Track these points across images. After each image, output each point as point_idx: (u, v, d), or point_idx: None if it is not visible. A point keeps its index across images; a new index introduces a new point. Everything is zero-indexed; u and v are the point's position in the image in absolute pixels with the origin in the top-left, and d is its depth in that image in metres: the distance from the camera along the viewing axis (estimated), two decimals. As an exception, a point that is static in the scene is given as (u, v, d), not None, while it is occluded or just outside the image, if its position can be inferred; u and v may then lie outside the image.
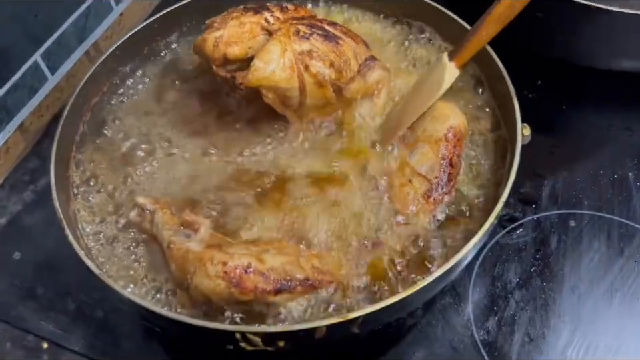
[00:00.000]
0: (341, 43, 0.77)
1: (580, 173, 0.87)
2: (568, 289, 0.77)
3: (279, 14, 0.79)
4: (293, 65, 0.74)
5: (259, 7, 0.79)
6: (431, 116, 0.77)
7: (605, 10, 0.82)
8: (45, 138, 0.96)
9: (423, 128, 0.77)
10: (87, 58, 1.01)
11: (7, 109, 0.90)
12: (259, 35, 0.77)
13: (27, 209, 0.89)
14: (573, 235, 0.81)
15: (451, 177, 0.74)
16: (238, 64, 0.77)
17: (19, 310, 0.79)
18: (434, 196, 0.73)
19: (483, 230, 0.67)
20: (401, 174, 0.75)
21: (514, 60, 0.81)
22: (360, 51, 0.80)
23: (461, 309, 0.76)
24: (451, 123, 0.76)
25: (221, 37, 0.76)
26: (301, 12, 0.82)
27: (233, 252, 0.66)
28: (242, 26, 0.77)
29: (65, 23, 0.95)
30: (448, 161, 0.74)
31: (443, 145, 0.75)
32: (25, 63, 0.90)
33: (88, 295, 0.79)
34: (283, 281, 0.64)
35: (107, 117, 0.85)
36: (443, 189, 0.73)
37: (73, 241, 0.66)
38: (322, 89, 0.76)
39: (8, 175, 0.93)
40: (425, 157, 0.75)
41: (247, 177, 0.78)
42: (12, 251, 0.84)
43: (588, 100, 0.95)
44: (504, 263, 0.79)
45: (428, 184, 0.73)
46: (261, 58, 0.74)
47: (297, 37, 0.76)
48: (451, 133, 0.75)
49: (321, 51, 0.75)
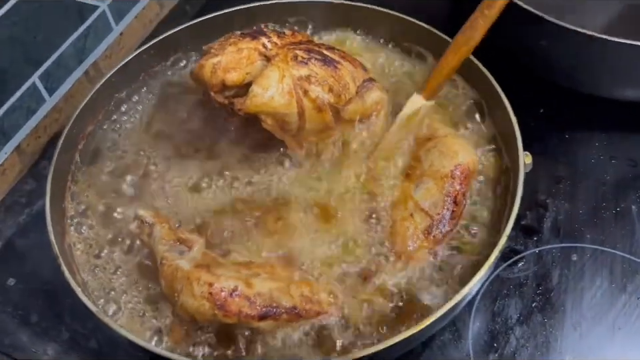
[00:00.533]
0: (339, 67, 0.77)
1: (582, 204, 0.86)
2: (569, 325, 0.75)
3: (277, 39, 0.79)
4: (291, 90, 0.73)
5: (255, 33, 0.79)
6: (439, 151, 0.76)
7: (607, 40, 0.81)
8: (42, 159, 0.95)
9: (430, 162, 0.76)
10: (86, 78, 1.01)
11: (4, 131, 0.89)
12: (256, 61, 0.76)
13: (22, 233, 0.88)
14: (574, 270, 0.80)
15: (454, 215, 0.72)
16: (236, 90, 0.76)
17: (12, 338, 0.78)
18: (434, 233, 0.72)
19: (486, 267, 0.66)
20: (403, 207, 0.74)
21: (517, 88, 0.81)
22: (358, 74, 0.80)
23: (461, 346, 0.74)
24: (459, 160, 0.74)
25: (218, 63, 0.75)
26: (298, 37, 0.82)
27: (221, 274, 0.65)
28: (239, 52, 0.76)
29: (64, 44, 0.94)
30: (452, 198, 0.73)
31: (449, 182, 0.73)
32: (23, 84, 0.89)
33: (82, 324, 0.78)
34: (268, 307, 0.64)
35: (101, 145, 0.84)
36: (445, 227, 0.72)
37: (70, 277, 0.66)
38: (321, 113, 0.76)
39: (4, 197, 0.92)
40: (429, 193, 0.73)
41: (245, 201, 0.78)
42: (6, 276, 0.83)
43: (591, 129, 0.94)
44: (505, 297, 0.78)
45: (429, 220, 0.72)
46: (260, 84, 0.73)
47: (295, 62, 0.75)
48: (458, 170, 0.74)
49: (320, 76, 0.75)
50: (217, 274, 0.65)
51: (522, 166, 0.74)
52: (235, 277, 0.65)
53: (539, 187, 0.88)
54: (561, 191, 0.87)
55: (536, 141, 0.91)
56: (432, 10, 0.99)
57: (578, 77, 0.91)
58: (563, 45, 0.86)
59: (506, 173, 0.79)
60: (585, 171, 0.89)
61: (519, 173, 0.74)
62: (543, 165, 0.90)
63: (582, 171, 0.89)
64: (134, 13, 1.07)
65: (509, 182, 0.78)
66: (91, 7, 0.97)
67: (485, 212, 0.76)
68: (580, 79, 0.92)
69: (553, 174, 0.89)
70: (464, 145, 0.77)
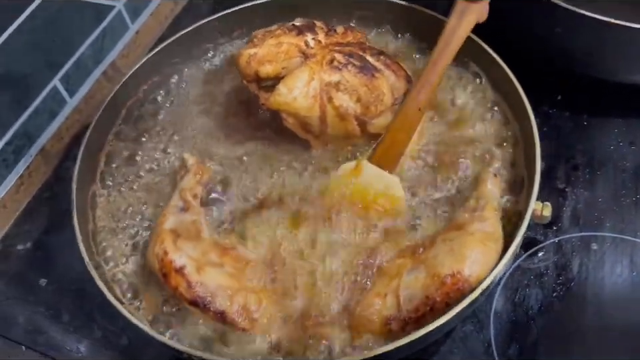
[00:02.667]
0: (377, 76, 0.75)
1: (601, 192, 0.86)
2: (591, 314, 0.76)
3: (323, 37, 0.78)
4: (317, 94, 0.73)
5: (304, 27, 0.78)
6: (452, 248, 0.66)
7: (622, 26, 0.80)
8: (66, 160, 0.97)
9: (436, 252, 0.66)
10: (105, 78, 1.02)
11: (29, 135, 0.91)
12: (295, 57, 0.76)
13: (50, 233, 0.90)
14: (595, 259, 0.80)
15: (421, 320, 0.63)
16: (273, 81, 0.76)
17: (46, 338, 0.80)
18: (392, 326, 0.64)
19: (506, 258, 0.66)
20: (387, 281, 0.67)
21: (533, 75, 0.80)
22: (399, 85, 0.78)
23: (483, 336, 0.76)
24: (461, 268, 0.63)
25: (254, 55, 0.76)
26: (348, 36, 0.80)
27: (184, 248, 0.69)
28: (279, 46, 0.76)
29: (82, 46, 0.96)
30: (430, 303, 0.63)
31: (435, 285, 0.63)
32: (45, 88, 0.91)
33: (112, 322, 0.80)
34: (201, 299, 0.67)
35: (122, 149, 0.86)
36: (407, 326, 0.64)
37: (104, 287, 0.68)
38: (344, 121, 0.75)
39: (31, 199, 0.94)
40: (416, 283, 0.65)
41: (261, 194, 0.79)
42: (37, 277, 0.85)
43: (609, 115, 0.93)
44: (525, 288, 0.79)
45: (396, 312, 0.64)
46: (286, 83, 0.74)
47: (330, 66, 0.74)
48: (450, 280, 0.63)
49: (350, 84, 0.74)
50: (180, 247, 0.69)
51: (538, 168, 0.72)
52: (192, 258, 0.68)
53: (558, 174, 0.88)
54: (579, 178, 0.87)
55: (554, 128, 0.92)
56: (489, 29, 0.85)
57: (594, 63, 0.91)
58: (577, 32, 0.85)
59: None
60: (604, 157, 0.89)
61: (535, 176, 0.72)
62: (561, 152, 0.90)
63: (600, 158, 0.89)
64: (149, 10, 1.08)
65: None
66: (107, 7, 0.98)
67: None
68: (596, 65, 0.91)
69: (571, 161, 0.89)
70: (481, 255, 0.65)
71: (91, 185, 0.81)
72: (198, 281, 0.67)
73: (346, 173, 0.74)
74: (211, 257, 0.70)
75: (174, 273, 0.67)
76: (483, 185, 0.73)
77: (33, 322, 0.82)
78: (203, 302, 0.66)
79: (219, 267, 0.69)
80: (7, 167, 0.88)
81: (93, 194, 0.81)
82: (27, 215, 0.92)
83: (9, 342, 0.81)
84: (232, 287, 0.68)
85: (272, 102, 0.74)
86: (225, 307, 0.67)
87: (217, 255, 0.71)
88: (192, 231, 0.72)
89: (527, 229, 0.68)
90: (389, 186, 0.73)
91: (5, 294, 0.85)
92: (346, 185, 0.74)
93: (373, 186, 0.73)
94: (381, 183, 0.73)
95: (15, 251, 0.89)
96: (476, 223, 0.68)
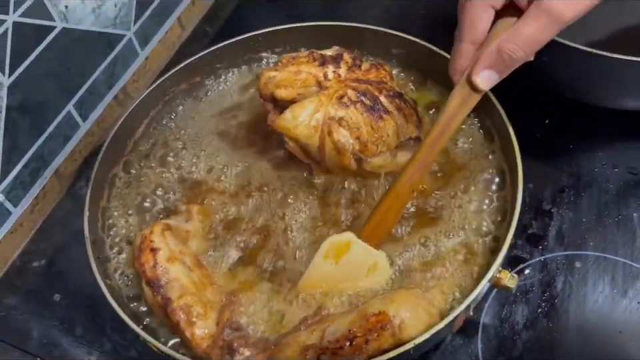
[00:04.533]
0: (385, 117, 0.77)
1: (585, 213, 0.90)
2: (573, 330, 0.80)
3: (344, 71, 0.80)
4: (319, 125, 0.76)
5: (330, 59, 0.81)
6: (384, 295, 0.69)
7: (607, 57, 0.85)
8: (78, 181, 1.02)
9: (372, 301, 0.68)
10: (116, 102, 1.07)
11: (44, 158, 0.96)
12: (311, 86, 0.80)
13: (64, 251, 0.95)
14: (578, 277, 0.84)
15: (338, 352, 0.64)
16: (288, 103, 0.80)
17: (61, 350, 0.85)
18: (308, 354, 0.65)
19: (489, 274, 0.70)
20: (323, 324, 0.68)
21: (521, 100, 0.84)
22: (406, 130, 0.80)
23: (471, 350, 0.80)
24: (386, 309, 0.65)
25: (273, 78, 0.80)
26: (371, 74, 0.82)
27: (166, 237, 0.75)
28: (297, 74, 0.80)
29: (95, 73, 1.01)
30: (351, 336, 0.64)
31: (360, 322, 0.65)
32: (60, 113, 0.96)
33: (122, 336, 0.85)
34: (156, 282, 0.72)
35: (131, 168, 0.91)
36: (321, 356, 0.65)
37: (119, 309, 0.72)
38: (340, 155, 0.77)
39: (45, 217, 0.99)
40: (343, 322, 0.67)
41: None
42: (52, 292, 0.90)
43: (594, 139, 0.98)
44: (512, 304, 0.83)
45: (317, 342, 0.66)
46: (293, 110, 0.77)
47: (338, 101, 0.77)
48: (375, 318, 0.64)
49: (353, 121, 0.76)
50: (165, 236, 0.76)
51: (520, 188, 0.75)
52: (170, 249, 0.75)
53: (544, 196, 0.93)
54: (565, 199, 0.92)
55: (541, 151, 0.96)
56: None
57: (581, 89, 0.95)
58: (564, 61, 0.90)
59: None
60: (589, 180, 0.94)
61: (517, 194, 0.75)
62: (548, 174, 0.95)
63: (585, 180, 0.94)
64: (158, 37, 1.14)
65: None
66: (119, 36, 1.04)
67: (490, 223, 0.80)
68: (583, 91, 0.96)
69: (557, 183, 0.94)
70: (410, 305, 0.66)
71: (99, 202, 0.86)
72: (164, 266, 0.73)
73: (334, 246, 0.73)
74: (185, 260, 0.76)
75: (148, 251, 0.74)
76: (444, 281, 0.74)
77: (47, 335, 0.87)
78: (158, 284, 0.72)
79: (187, 269, 0.75)
80: (24, 188, 0.94)
81: (104, 210, 0.86)
82: (42, 234, 0.97)
83: (26, 354, 0.85)
84: (188, 289, 0.72)
85: (277, 124, 0.79)
86: (173, 297, 0.71)
87: (192, 263, 0.76)
88: (182, 236, 0.79)
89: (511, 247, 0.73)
90: (376, 262, 0.74)
91: (21, 309, 0.90)
92: (332, 262, 0.73)
93: (360, 262, 0.74)
94: (370, 260, 0.74)
95: (30, 268, 0.94)
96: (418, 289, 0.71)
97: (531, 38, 0.67)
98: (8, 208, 0.92)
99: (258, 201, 0.84)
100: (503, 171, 0.83)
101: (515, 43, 0.67)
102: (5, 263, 0.94)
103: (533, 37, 0.67)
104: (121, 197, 0.87)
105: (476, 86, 0.70)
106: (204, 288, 0.75)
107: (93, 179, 0.83)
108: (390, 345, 0.65)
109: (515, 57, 0.68)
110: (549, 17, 0.65)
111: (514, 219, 0.73)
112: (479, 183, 0.83)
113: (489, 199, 0.81)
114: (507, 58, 0.68)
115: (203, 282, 0.75)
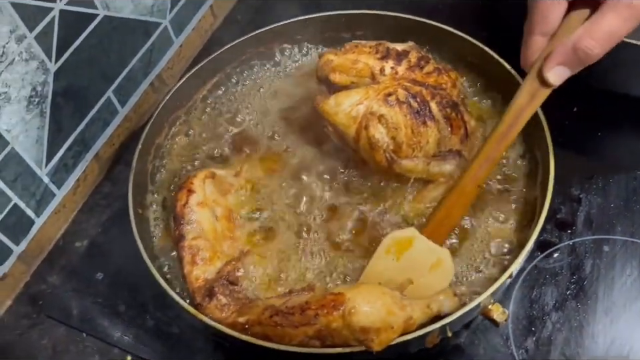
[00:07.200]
0: (429, 124, 0.77)
1: (613, 198, 0.92)
2: (601, 311, 0.83)
3: (403, 69, 0.80)
4: (358, 117, 0.77)
5: (394, 54, 0.81)
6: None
7: (636, 45, 0.87)
8: (117, 164, 1.06)
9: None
10: (152, 88, 1.11)
11: (85, 142, 0.99)
12: (366, 77, 0.81)
13: (105, 231, 0.98)
14: (606, 260, 0.87)
15: (288, 317, 0.68)
16: (341, 88, 0.81)
17: (104, 326, 0.89)
18: (264, 314, 0.71)
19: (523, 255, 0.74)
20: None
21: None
22: (449, 142, 0.80)
23: (501, 329, 0.82)
24: (345, 291, 0.67)
25: (330, 62, 0.82)
26: (431, 77, 0.80)
27: (206, 183, 0.83)
28: (355, 62, 0.81)
29: (133, 60, 1.04)
30: (305, 307, 0.68)
31: (317, 297, 0.69)
32: (100, 99, 0.99)
33: (164, 313, 0.88)
34: (182, 218, 0.79)
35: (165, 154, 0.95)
36: (274, 316, 0.70)
37: (167, 287, 0.75)
38: (373, 151, 0.78)
39: (86, 199, 1.03)
40: (311, 294, 0.71)
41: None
42: (95, 271, 0.94)
43: (622, 127, 1.00)
44: (541, 286, 0.85)
45: (277, 306, 0.70)
46: (337, 97, 0.79)
47: (385, 98, 0.77)
48: (331, 297, 0.67)
49: (393, 121, 0.76)
50: (206, 183, 0.82)
51: (552, 167, 0.80)
52: (204, 194, 0.81)
53: (573, 182, 0.95)
54: (593, 185, 0.94)
55: (570, 138, 0.97)
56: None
57: (610, 78, 0.97)
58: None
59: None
60: (616, 166, 0.95)
61: (549, 177, 0.79)
62: (577, 161, 0.96)
63: (613, 167, 0.95)
64: (192, 25, 1.16)
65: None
66: (155, 24, 1.07)
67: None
68: (612, 80, 0.97)
69: (586, 170, 0.96)
70: (371, 296, 0.66)
71: (143, 187, 0.90)
72: (193, 208, 0.80)
73: (396, 242, 0.73)
74: (215, 209, 0.82)
75: (185, 191, 0.81)
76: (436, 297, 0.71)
77: (90, 312, 0.90)
78: (180, 220, 0.79)
79: (214, 217, 0.81)
80: (67, 170, 0.97)
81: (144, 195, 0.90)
82: (83, 215, 1.01)
83: (71, 329, 0.89)
84: (206, 235, 0.79)
85: (320, 107, 0.80)
86: (188, 236, 0.78)
87: (222, 214, 0.82)
88: (224, 187, 0.85)
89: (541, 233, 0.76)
90: (440, 259, 0.73)
91: (65, 286, 0.93)
92: (393, 258, 0.73)
93: (423, 259, 0.73)
94: (433, 256, 0.73)
95: (73, 248, 0.98)
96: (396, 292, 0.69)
97: (610, 33, 0.63)
98: (52, 190, 0.95)
99: (305, 188, 0.88)
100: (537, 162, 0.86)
101: (592, 39, 0.63)
102: (50, 242, 0.98)
103: (612, 31, 0.63)
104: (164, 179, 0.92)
105: (547, 81, 0.68)
106: (223, 239, 0.80)
107: (135, 158, 0.87)
108: (338, 326, 0.65)
109: (592, 54, 0.64)
110: (629, 10, 0.61)
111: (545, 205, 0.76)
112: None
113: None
114: (582, 55, 0.64)
115: (225, 234, 0.81)
